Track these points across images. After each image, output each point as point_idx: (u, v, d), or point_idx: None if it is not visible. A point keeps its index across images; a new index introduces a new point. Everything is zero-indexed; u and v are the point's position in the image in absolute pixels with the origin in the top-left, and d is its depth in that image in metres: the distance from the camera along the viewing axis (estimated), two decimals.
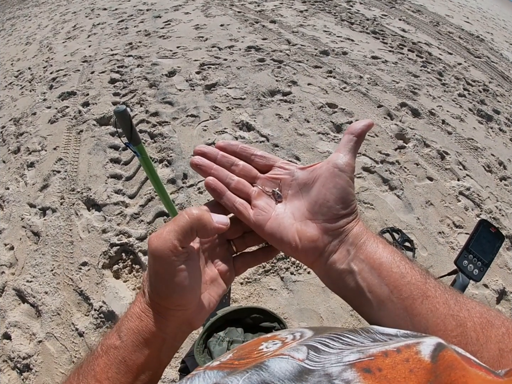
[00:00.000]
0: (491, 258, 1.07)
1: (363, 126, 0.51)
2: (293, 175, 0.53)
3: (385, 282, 0.43)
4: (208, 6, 6.59)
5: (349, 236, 0.47)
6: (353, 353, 0.31)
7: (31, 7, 9.63)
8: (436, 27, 7.07)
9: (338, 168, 0.48)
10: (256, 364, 0.32)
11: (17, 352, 2.10)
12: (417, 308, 0.41)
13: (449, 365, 0.26)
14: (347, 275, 0.46)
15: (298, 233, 0.49)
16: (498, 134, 4.16)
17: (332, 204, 0.47)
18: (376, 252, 0.46)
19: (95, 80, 4.33)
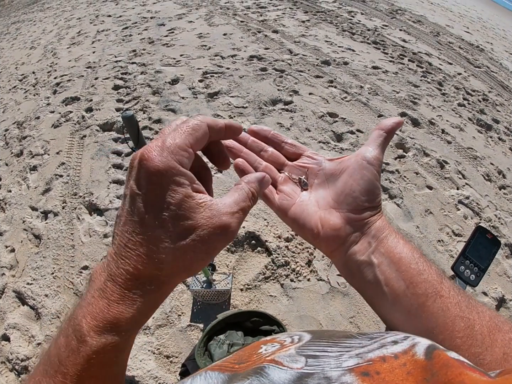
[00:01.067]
0: (488, 264, 1.08)
1: (393, 123, 0.52)
2: (321, 165, 0.54)
3: (402, 277, 0.44)
4: (212, 15, 6.66)
5: (372, 228, 0.47)
6: (352, 358, 0.32)
7: (36, 11, 9.72)
8: (436, 37, 7.13)
9: (367, 160, 0.49)
10: (256, 369, 0.32)
11: (15, 354, 2.11)
12: (430, 306, 0.42)
13: (445, 363, 0.27)
14: (366, 266, 0.46)
15: (321, 221, 0.49)
16: (497, 143, 4.19)
17: (358, 195, 0.48)
18: (396, 247, 0.46)
19: (99, 86, 4.37)
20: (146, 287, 0.36)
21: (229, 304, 2.26)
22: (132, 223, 0.36)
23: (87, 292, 0.37)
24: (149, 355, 2.07)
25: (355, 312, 2.28)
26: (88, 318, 0.35)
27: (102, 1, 8.76)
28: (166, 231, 0.36)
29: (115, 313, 0.35)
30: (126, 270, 0.35)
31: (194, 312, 2.24)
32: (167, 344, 2.11)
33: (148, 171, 0.35)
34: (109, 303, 0.35)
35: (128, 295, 0.35)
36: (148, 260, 0.35)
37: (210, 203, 0.38)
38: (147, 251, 0.35)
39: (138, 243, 0.36)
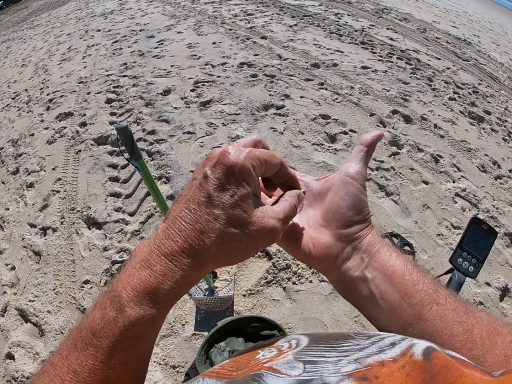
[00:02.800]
0: (485, 254, 1.09)
1: (373, 136, 0.52)
2: (308, 186, 0.55)
3: (397, 289, 0.44)
4: (200, 24, 6.71)
5: (363, 243, 0.48)
6: (351, 363, 0.32)
7: (26, 29, 9.77)
8: (423, 33, 7.19)
9: (350, 176, 0.50)
10: (253, 376, 0.32)
11: (21, 372, 2.10)
12: (426, 314, 0.42)
13: (444, 365, 0.27)
14: (360, 282, 0.46)
15: (312, 240, 0.49)
16: (490, 134, 4.22)
17: (345, 210, 0.49)
18: (389, 260, 0.46)
19: (92, 100, 4.39)
20: (190, 262, 0.38)
21: (233, 310, 2.26)
22: (195, 202, 0.39)
23: (127, 265, 0.39)
24: (155, 366, 2.06)
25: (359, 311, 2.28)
26: (128, 288, 0.37)
27: (91, 16, 8.82)
28: (224, 215, 0.38)
29: (156, 283, 0.36)
30: (175, 241, 0.38)
31: (198, 321, 2.23)
32: (172, 354, 2.10)
33: (227, 162, 0.39)
34: (151, 273, 0.37)
35: (171, 266, 0.37)
36: (199, 236, 0.38)
37: (263, 206, 0.42)
38: (201, 228, 0.38)
39: (195, 219, 0.38)
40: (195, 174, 0.42)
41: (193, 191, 0.40)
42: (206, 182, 0.39)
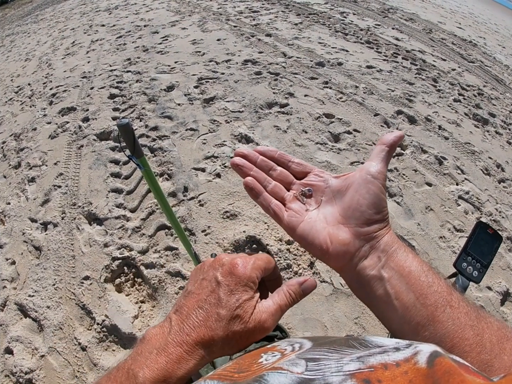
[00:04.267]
0: (490, 259, 1.08)
1: (395, 137, 0.53)
2: (327, 182, 0.55)
3: (412, 290, 0.44)
4: (205, 21, 6.68)
5: (381, 242, 0.49)
6: (353, 362, 0.31)
7: (30, 23, 9.77)
8: (429, 34, 7.16)
9: (371, 175, 0.50)
10: (255, 378, 0.32)
11: (19, 367, 2.09)
12: (439, 316, 0.42)
13: (446, 371, 0.27)
14: (376, 281, 0.47)
15: (330, 236, 0.50)
16: (494, 137, 4.20)
17: (365, 209, 0.49)
18: (406, 261, 0.47)
19: (95, 95, 4.38)
20: (201, 353, 0.43)
21: None
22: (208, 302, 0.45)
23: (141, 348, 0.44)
24: None
25: (359, 312, 2.27)
26: (145, 370, 0.41)
27: (96, 11, 8.80)
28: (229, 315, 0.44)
29: (171, 369, 0.41)
30: (190, 335, 0.43)
31: None
32: None
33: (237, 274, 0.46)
34: (168, 360, 0.42)
35: (185, 356, 0.42)
36: (209, 332, 0.43)
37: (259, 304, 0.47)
38: (211, 325, 0.44)
39: (206, 317, 0.44)
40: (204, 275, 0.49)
41: (205, 292, 0.46)
42: (218, 287, 0.46)
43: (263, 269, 0.48)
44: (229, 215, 2.73)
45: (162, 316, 2.23)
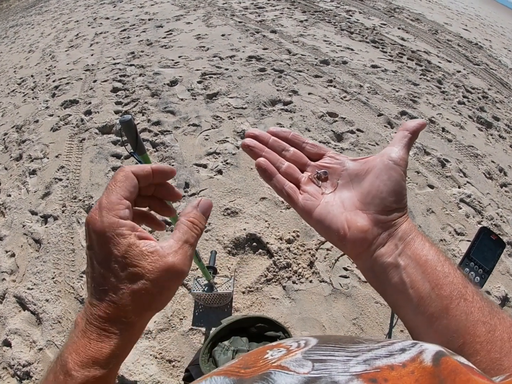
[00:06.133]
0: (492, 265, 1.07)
1: (418, 124, 0.52)
2: (344, 165, 0.53)
3: (428, 279, 0.43)
4: (209, 16, 6.65)
5: (399, 230, 0.47)
6: (360, 364, 0.31)
7: (34, 15, 9.73)
8: (435, 35, 7.12)
9: (393, 161, 0.49)
10: (262, 376, 0.32)
11: (17, 360, 2.10)
12: (453, 309, 0.41)
13: (453, 370, 0.27)
14: (392, 269, 0.46)
15: (347, 222, 0.48)
16: (498, 140, 4.18)
17: (386, 196, 0.47)
18: (423, 249, 0.45)
19: (98, 88, 4.36)
20: (119, 327, 0.41)
21: (231, 307, 2.24)
22: (94, 278, 0.41)
23: (72, 334, 0.42)
24: (151, 360, 2.05)
25: (358, 313, 2.27)
26: (73, 355, 0.40)
27: (100, 4, 8.76)
28: (119, 280, 0.40)
29: (96, 349, 0.40)
30: (98, 315, 0.40)
31: (196, 316, 2.22)
32: (169, 348, 2.10)
33: (94, 232, 0.40)
34: (90, 341, 0.40)
35: (104, 334, 0.40)
36: (113, 305, 0.40)
37: (154, 248, 0.42)
38: (110, 299, 0.40)
39: (103, 293, 0.40)
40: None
41: (89, 269, 0.42)
42: (91, 259, 0.41)
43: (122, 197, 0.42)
44: (229, 212, 2.73)
45: (159, 312, 2.23)
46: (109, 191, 0.42)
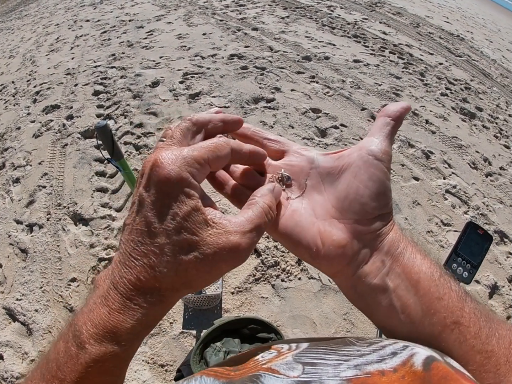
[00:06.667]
0: (480, 260, 1.08)
1: (401, 108, 0.42)
2: (313, 162, 0.44)
3: (421, 303, 0.37)
4: (190, 15, 6.60)
5: (384, 242, 0.39)
6: (350, 369, 0.31)
7: (14, 19, 9.55)
8: (416, 28, 7.16)
9: (374, 155, 0.40)
10: (251, 378, 0.31)
11: (10, 372, 2.07)
12: (445, 338, 0.36)
13: (443, 376, 0.27)
14: (379, 292, 0.38)
15: (321, 235, 0.40)
16: (481, 131, 4.23)
17: (367, 200, 0.39)
18: (414, 265, 0.38)
19: (79, 92, 4.31)
20: (148, 299, 0.34)
21: (221, 308, 2.24)
22: (137, 232, 0.34)
23: (90, 298, 0.36)
24: (144, 365, 2.04)
25: (348, 308, 2.28)
26: (88, 325, 0.34)
27: (80, 6, 8.64)
28: (168, 243, 0.33)
29: (116, 322, 0.33)
30: (128, 279, 0.34)
31: (186, 319, 2.21)
32: (160, 353, 2.09)
33: (158, 179, 0.34)
34: (110, 311, 0.34)
35: (129, 305, 0.34)
36: (150, 271, 0.33)
37: (219, 220, 0.36)
38: (150, 263, 0.33)
39: (142, 253, 0.34)
40: (133, 196, 0.37)
41: (133, 218, 0.35)
42: (142, 208, 0.35)
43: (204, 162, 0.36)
44: None
45: None
46: (198, 146, 0.36)
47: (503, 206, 3.18)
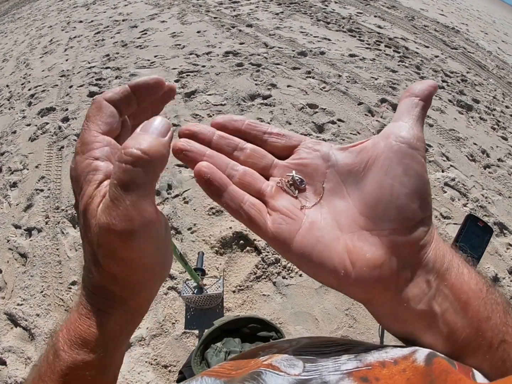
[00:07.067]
0: (481, 252, 1.07)
1: (429, 86, 0.36)
2: (329, 159, 0.36)
3: (469, 325, 0.31)
4: (184, 13, 6.57)
5: (429, 256, 0.32)
6: (351, 361, 0.30)
7: (7, 23, 9.49)
8: (411, 21, 7.15)
9: (407, 143, 0.32)
10: (252, 375, 0.31)
11: (13, 378, 2.06)
12: (489, 358, 0.31)
13: (444, 369, 0.26)
14: (426, 319, 0.32)
15: (350, 254, 0.32)
16: (479, 123, 4.23)
17: (405, 201, 0.31)
18: (462, 283, 0.32)
19: (74, 94, 4.29)
20: (107, 302, 0.33)
21: (223, 307, 2.24)
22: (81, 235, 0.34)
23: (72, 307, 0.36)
24: (147, 367, 2.04)
25: (350, 303, 2.28)
26: (64, 331, 0.33)
27: (73, 7, 8.59)
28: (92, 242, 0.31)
29: (85, 327, 0.32)
30: (89, 280, 0.33)
31: (188, 319, 2.21)
32: (163, 353, 2.08)
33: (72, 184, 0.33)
34: (79, 317, 0.33)
35: (94, 309, 0.32)
36: (98, 269, 0.32)
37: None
38: (94, 262, 0.32)
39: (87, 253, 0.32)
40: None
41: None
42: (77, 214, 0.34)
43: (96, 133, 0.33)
44: (214, 212, 2.71)
45: (151, 317, 2.21)
46: (83, 132, 0.33)
47: (502, 197, 3.18)
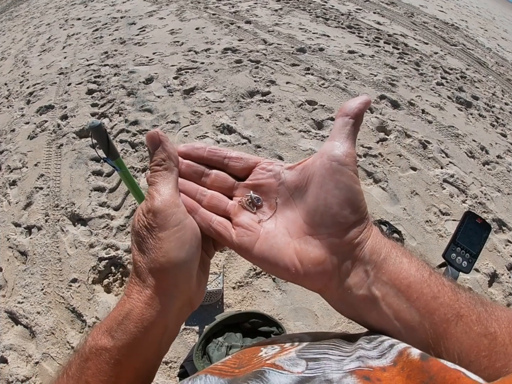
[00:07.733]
0: (479, 249, 1.08)
1: (359, 104, 0.40)
2: (280, 177, 0.42)
3: (415, 306, 0.35)
4: (183, 10, 6.55)
5: (365, 251, 0.37)
6: (353, 362, 0.31)
7: (5, 21, 9.45)
8: (410, 18, 7.13)
9: (337, 161, 0.38)
10: (256, 373, 0.32)
11: (15, 376, 2.06)
12: (451, 332, 0.34)
13: (442, 367, 0.27)
14: (368, 302, 0.37)
15: (297, 255, 0.39)
16: (478, 119, 4.22)
17: (337, 210, 0.37)
18: (401, 270, 0.36)
19: (72, 92, 4.27)
20: (133, 288, 0.38)
21: (222, 303, 2.24)
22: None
23: None
24: None
25: None
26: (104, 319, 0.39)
27: (71, 5, 8.56)
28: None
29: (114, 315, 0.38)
30: (132, 259, 0.40)
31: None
32: None
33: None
34: (116, 306, 0.39)
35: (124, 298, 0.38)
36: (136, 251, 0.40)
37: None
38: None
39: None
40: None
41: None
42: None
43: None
44: None
45: None
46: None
47: (501, 194, 3.19)
